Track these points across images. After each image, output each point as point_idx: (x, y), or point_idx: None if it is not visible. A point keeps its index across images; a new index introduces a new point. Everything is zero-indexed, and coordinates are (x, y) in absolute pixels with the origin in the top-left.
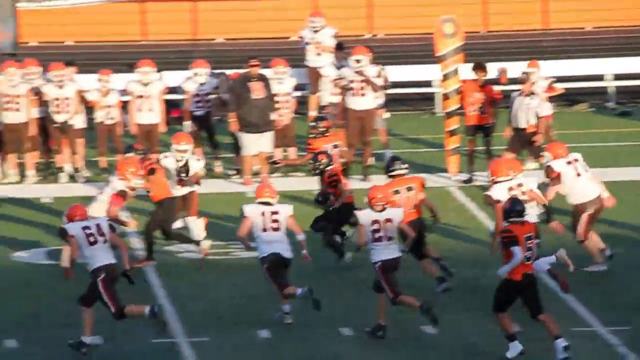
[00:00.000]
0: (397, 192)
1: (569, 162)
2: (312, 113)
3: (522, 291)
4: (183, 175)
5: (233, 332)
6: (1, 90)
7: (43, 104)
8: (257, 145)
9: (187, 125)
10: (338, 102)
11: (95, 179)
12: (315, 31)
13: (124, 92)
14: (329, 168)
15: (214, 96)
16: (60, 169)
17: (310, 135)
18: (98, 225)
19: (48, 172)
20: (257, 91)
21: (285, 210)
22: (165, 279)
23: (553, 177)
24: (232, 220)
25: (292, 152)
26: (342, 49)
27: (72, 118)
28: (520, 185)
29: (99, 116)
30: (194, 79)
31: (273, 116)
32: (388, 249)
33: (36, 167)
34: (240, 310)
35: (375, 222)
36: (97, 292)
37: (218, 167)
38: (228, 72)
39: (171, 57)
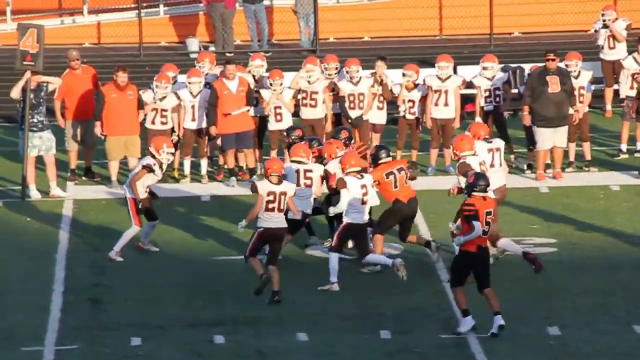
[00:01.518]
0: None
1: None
2: (609, 107)
3: (476, 263)
4: None
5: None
6: (300, 85)
7: (339, 99)
8: (551, 139)
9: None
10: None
11: None
12: (606, 25)
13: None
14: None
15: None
16: None
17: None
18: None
19: None
20: (553, 85)
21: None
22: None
23: None
24: (527, 213)
25: (586, 146)
26: None
27: (365, 113)
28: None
29: (401, 110)
30: (483, 74)
31: (569, 111)
32: None
33: None
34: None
35: None
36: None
37: (513, 162)
38: (525, 66)
39: (466, 52)
